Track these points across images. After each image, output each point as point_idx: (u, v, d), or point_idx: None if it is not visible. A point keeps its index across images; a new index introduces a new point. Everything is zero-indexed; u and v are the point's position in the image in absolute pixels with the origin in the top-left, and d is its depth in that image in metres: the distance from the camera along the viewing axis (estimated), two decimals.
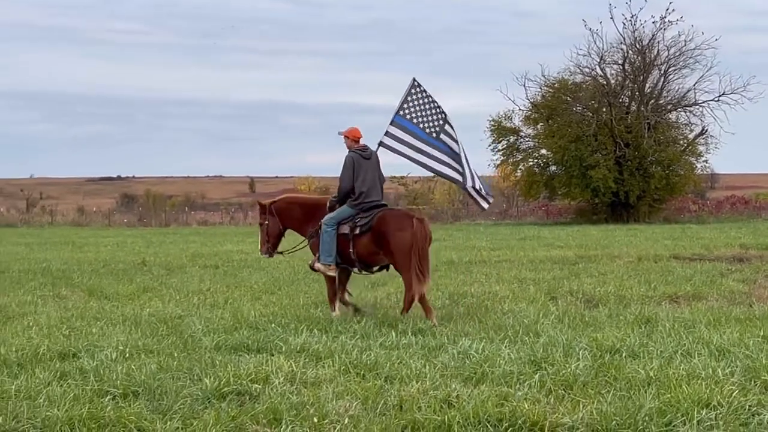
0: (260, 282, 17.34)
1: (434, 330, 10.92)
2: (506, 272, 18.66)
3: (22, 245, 32.01)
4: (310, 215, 12.81)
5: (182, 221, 64.17)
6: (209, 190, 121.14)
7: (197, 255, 25.56)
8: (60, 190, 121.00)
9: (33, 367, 8.81)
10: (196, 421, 6.93)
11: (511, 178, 59.47)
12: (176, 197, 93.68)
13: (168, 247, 30.77)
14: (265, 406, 7.23)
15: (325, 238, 12.29)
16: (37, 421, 6.91)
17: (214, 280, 18.06)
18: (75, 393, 7.63)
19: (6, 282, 17.63)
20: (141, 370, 8.45)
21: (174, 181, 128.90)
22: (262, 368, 8.47)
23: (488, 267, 20.25)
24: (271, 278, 18.20)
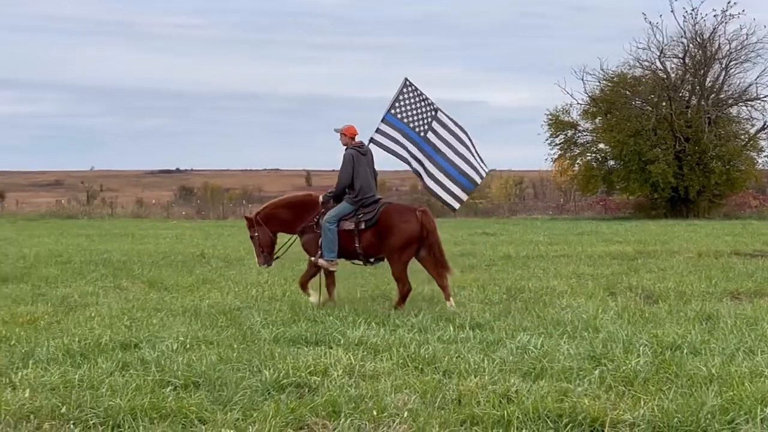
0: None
1: (492, 324, 10.88)
2: (564, 267, 18.54)
3: (83, 237, 32.42)
4: (298, 214, 13.08)
5: (240, 214, 64.54)
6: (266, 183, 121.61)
7: None
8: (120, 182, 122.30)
9: (96, 357, 8.91)
10: (256, 412, 6.97)
11: (568, 172, 58.98)
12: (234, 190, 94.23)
13: (226, 239, 30.98)
14: (324, 399, 7.25)
15: (327, 235, 12.58)
16: (100, 410, 6.99)
17: (271, 272, 18.13)
18: (137, 383, 7.72)
19: (68, 273, 17.86)
20: (201, 361, 8.52)
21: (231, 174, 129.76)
22: (320, 361, 8.50)
23: (546, 262, 20.13)
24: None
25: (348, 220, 12.63)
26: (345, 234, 12.63)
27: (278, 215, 13.15)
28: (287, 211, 13.16)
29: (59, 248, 25.27)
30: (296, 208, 13.16)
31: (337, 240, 12.55)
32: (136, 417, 6.83)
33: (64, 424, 6.74)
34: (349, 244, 12.68)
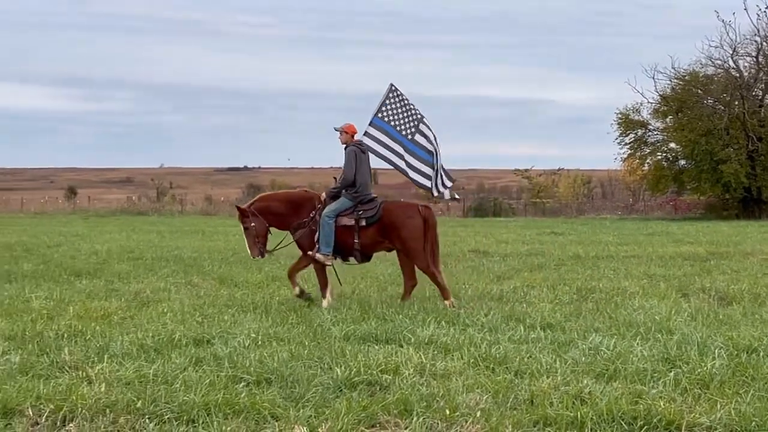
0: (386, 273, 17.39)
1: (563, 324, 10.79)
2: (635, 268, 18.34)
3: (153, 233, 32.82)
4: (293, 210, 13.15)
5: None
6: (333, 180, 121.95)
7: None
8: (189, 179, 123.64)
9: (169, 352, 9.00)
10: (328, 409, 6.99)
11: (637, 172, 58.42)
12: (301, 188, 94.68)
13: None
14: (395, 397, 7.24)
15: (326, 229, 12.77)
16: (174, 405, 7.05)
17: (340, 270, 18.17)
18: (210, 379, 7.77)
19: (140, 269, 18.10)
20: (273, 358, 8.57)
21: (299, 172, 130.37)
22: (391, 359, 8.50)
23: (616, 262, 19.93)
24: (397, 270, 18.19)
25: (347, 216, 12.85)
26: (343, 230, 12.84)
27: (274, 209, 13.18)
28: (283, 206, 13.21)
29: (131, 244, 25.62)
30: (292, 204, 13.24)
31: (333, 235, 12.75)
32: (210, 412, 6.88)
33: (140, 419, 6.81)
34: (348, 240, 12.87)
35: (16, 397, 7.12)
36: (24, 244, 25.07)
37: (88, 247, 23.83)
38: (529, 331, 10.28)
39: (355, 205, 12.88)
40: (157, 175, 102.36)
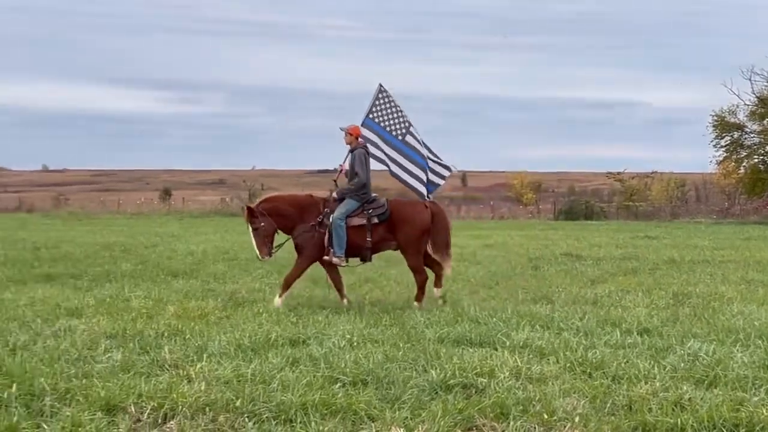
0: (477, 276, 17.38)
1: (660, 330, 10.63)
2: (732, 273, 18.01)
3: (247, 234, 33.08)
4: (299, 214, 13.20)
5: None
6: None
7: None
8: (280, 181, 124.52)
9: (266, 352, 9.09)
10: (425, 411, 6.99)
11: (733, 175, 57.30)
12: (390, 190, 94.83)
13: None
14: (491, 400, 7.21)
15: (339, 232, 12.91)
16: (272, 404, 7.11)
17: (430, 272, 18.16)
18: (307, 379, 7.84)
19: (235, 269, 18.33)
20: (368, 359, 8.60)
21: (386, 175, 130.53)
22: (486, 362, 8.46)
23: (712, 267, 19.59)
24: (488, 272, 18.22)
25: (357, 216, 13.00)
26: (355, 230, 12.98)
27: (282, 210, 13.21)
28: (291, 209, 13.23)
29: (225, 245, 25.95)
30: (299, 207, 13.26)
31: (346, 236, 12.89)
32: (307, 412, 6.93)
33: (238, 417, 6.89)
34: (360, 240, 13.01)
35: (118, 394, 7.26)
36: (122, 245, 25.56)
37: (183, 248, 24.20)
38: (626, 335, 10.17)
39: (362, 204, 13.04)
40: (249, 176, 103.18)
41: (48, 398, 7.15)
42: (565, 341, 9.71)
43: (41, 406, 7.01)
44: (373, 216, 13.04)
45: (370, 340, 9.85)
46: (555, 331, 10.48)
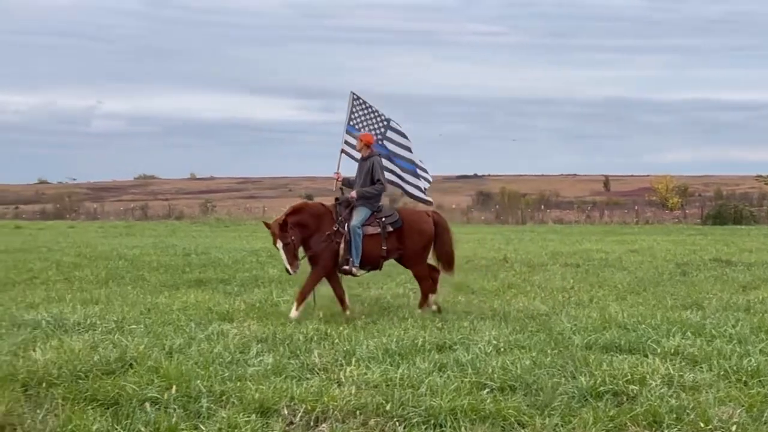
0: (624, 282, 17.11)
1: None
2: None
3: None
4: (317, 224, 12.74)
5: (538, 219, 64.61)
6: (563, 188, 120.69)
7: (557, 253, 25.60)
8: None
9: (413, 357, 9.14)
10: (575, 418, 6.94)
11: None
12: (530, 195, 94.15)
13: (527, 244, 31.04)
14: (644, 408, 7.10)
15: (357, 240, 12.60)
16: (421, 409, 7.15)
17: (576, 278, 18.01)
18: (455, 384, 7.85)
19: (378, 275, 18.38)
20: (515, 365, 8.55)
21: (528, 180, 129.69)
22: (637, 369, 8.32)
23: None
24: (635, 278, 17.91)
25: (371, 225, 12.72)
26: (370, 238, 12.69)
27: (305, 221, 12.62)
28: (313, 220, 12.70)
29: None
30: (317, 217, 12.78)
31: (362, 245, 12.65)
32: (456, 417, 6.95)
33: (389, 421, 6.95)
34: (376, 248, 12.71)
35: (271, 396, 7.41)
36: (268, 250, 26.03)
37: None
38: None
39: (373, 213, 12.80)
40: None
41: (204, 400, 7.36)
42: (718, 349, 9.48)
43: (198, 407, 7.21)
44: (387, 224, 12.76)
45: (516, 346, 9.80)
46: (707, 338, 10.24)
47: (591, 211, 71.56)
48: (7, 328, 10.79)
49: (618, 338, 10.09)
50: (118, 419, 6.86)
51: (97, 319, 11.42)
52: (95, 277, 17.78)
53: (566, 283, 16.80)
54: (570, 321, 11.59)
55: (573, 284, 16.65)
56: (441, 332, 10.73)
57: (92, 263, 21.08)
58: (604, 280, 17.44)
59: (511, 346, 9.74)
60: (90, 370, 8.27)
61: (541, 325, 11.42)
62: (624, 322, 11.42)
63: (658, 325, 11.11)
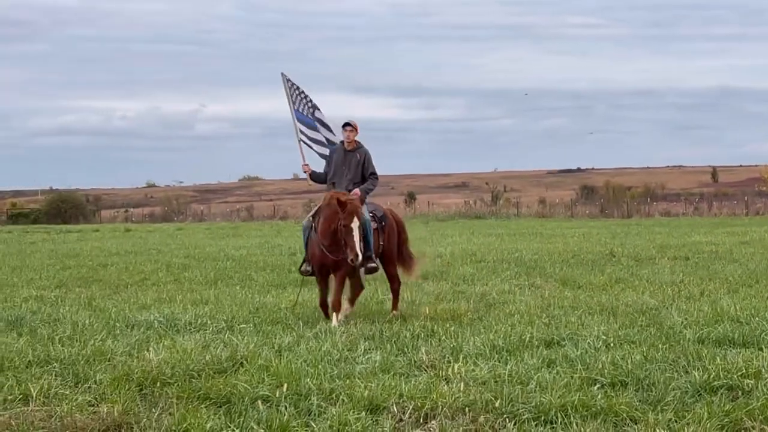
0: (735, 274, 16.75)
1: None
2: None
3: (492, 236, 33.31)
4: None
5: (644, 212, 63.62)
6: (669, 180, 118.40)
7: (664, 246, 25.21)
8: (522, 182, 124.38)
9: (521, 353, 9.08)
10: (689, 414, 6.80)
11: None
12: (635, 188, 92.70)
13: (633, 238, 30.60)
14: (760, 403, 6.94)
15: (370, 235, 11.83)
16: (531, 405, 7.09)
17: (685, 271, 17.70)
18: (565, 380, 7.77)
19: (483, 271, 18.41)
20: (626, 360, 8.44)
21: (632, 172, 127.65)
22: (752, 363, 8.14)
23: None
24: (747, 270, 17.52)
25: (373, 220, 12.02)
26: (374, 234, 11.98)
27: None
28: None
29: (472, 247, 26.13)
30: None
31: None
32: (567, 413, 6.88)
33: (498, 418, 6.90)
34: (375, 245, 11.99)
35: (380, 394, 7.43)
36: None
37: (431, 251, 24.52)
38: None
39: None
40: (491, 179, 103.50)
41: (314, 398, 7.42)
42: None
43: (308, 405, 7.27)
44: (378, 219, 12.14)
45: (626, 341, 9.67)
46: None
47: (699, 203, 70.22)
48: (121, 329, 11.05)
49: (731, 332, 9.89)
50: (231, 417, 6.96)
51: (208, 319, 11.62)
52: (204, 277, 18.10)
53: (675, 277, 16.50)
54: (681, 315, 11.40)
55: (682, 278, 16.35)
56: (548, 328, 10.65)
57: (201, 264, 21.48)
58: (714, 273, 17.09)
59: (621, 341, 9.61)
60: (202, 369, 8.41)
61: (650, 319, 11.24)
62: (737, 315, 11.19)
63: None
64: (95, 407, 7.26)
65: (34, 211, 69.72)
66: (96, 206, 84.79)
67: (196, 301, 14.06)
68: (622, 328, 10.55)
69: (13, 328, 11.15)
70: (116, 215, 77.28)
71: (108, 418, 6.93)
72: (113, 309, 12.93)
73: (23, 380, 8.02)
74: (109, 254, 26.07)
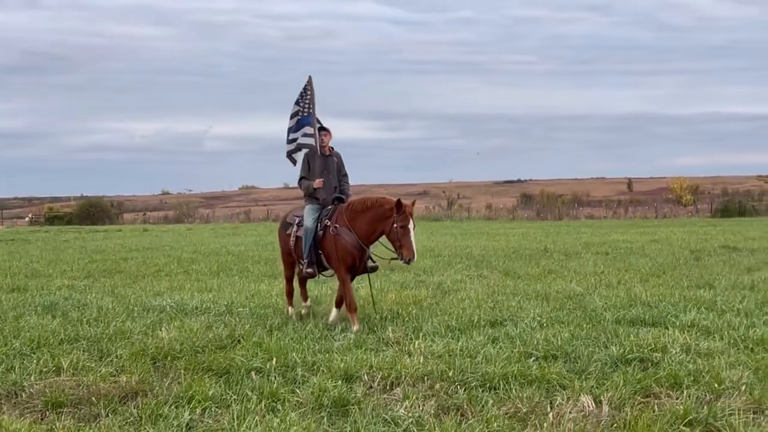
0: (646, 267, 16.81)
1: None
2: None
3: (448, 235, 33.29)
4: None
5: (572, 216, 63.84)
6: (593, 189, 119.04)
7: (589, 243, 25.28)
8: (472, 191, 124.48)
9: (470, 331, 9.08)
10: (608, 381, 6.82)
11: None
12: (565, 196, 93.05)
13: (563, 237, 30.68)
14: (666, 372, 6.96)
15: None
16: (478, 374, 7.09)
17: (605, 264, 17.75)
18: (507, 354, 7.77)
19: (440, 264, 18.39)
20: (557, 338, 8.45)
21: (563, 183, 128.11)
22: (659, 340, 8.18)
23: None
24: (656, 264, 17.59)
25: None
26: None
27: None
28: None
29: (431, 244, 26.09)
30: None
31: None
32: (507, 381, 6.87)
33: (451, 385, 6.89)
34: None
35: (354, 365, 7.41)
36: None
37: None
38: None
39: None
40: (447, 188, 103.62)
41: (299, 369, 7.38)
42: (727, 321, 9.30)
43: (294, 375, 7.23)
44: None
45: (557, 321, 9.69)
46: (718, 312, 10.03)
47: (617, 208, 70.61)
48: (138, 312, 10.95)
49: (643, 314, 9.94)
50: (229, 385, 6.91)
51: (211, 304, 11.53)
52: (208, 269, 17.98)
53: (597, 269, 16.56)
54: (602, 300, 11.43)
55: (603, 269, 16.41)
56: (493, 311, 10.64)
57: (206, 258, 21.33)
58: (629, 266, 17.16)
59: (552, 322, 9.63)
60: (206, 345, 8.35)
61: (577, 303, 11.26)
62: (647, 300, 11.24)
63: (676, 302, 10.91)
64: (116, 377, 7.19)
65: (67, 215, 68.91)
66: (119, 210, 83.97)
67: (202, 288, 13.96)
68: (554, 310, 10.57)
69: (48, 312, 11.02)
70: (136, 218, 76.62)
71: (127, 387, 6.87)
72: (132, 296, 12.81)
73: (56, 355, 7.93)
74: (129, 250, 25.84)
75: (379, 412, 6.10)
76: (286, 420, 5.85)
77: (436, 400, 6.45)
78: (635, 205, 73.73)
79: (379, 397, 6.53)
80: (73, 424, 6.03)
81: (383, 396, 6.63)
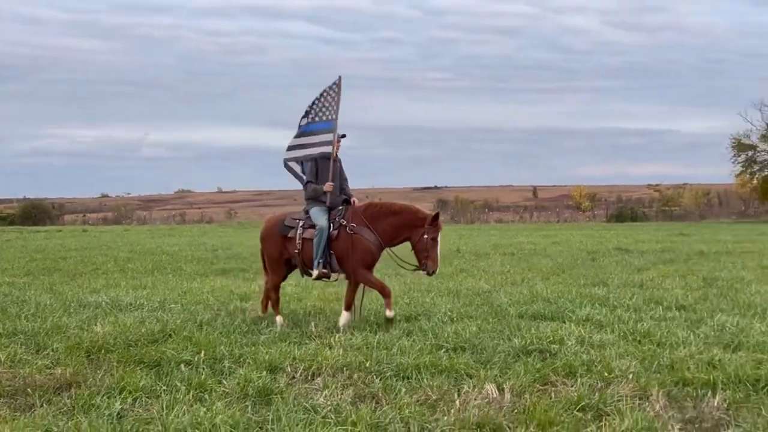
0: (547, 266, 17.09)
1: (694, 306, 10.30)
2: (750, 261, 17.39)
3: None
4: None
5: (483, 219, 64.65)
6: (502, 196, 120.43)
7: (497, 245, 25.60)
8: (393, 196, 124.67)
9: (386, 326, 9.07)
10: (510, 371, 6.89)
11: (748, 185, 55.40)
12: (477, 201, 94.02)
13: (475, 239, 31.02)
14: (562, 362, 7.06)
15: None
16: (393, 365, 7.07)
17: (511, 263, 18.00)
18: (419, 346, 7.80)
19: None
20: (465, 331, 8.51)
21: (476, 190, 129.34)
22: (557, 332, 8.29)
23: (733, 257, 18.96)
24: (556, 263, 17.91)
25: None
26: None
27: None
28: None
29: None
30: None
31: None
32: (420, 371, 6.89)
33: (368, 375, 6.87)
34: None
35: (278, 357, 7.34)
36: None
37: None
38: (666, 311, 9.90)
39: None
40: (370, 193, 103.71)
41: (226, 361, 7.27)
42: (618, 316, 9.49)
43: (221, 367, 7.12)
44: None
45: (466, 316, 9.76)
46: (610, 308, 10.24)
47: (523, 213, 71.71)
48: (75, 308, 10.66)
49: (543, 309, 10.08)
50: (159, 377, 6.77)
51: (145, 300, 11.30)
52: (144, 268, 17.63)
53: (504, 268, 16.77)
54: (507, 296, 11.57)
55: (509, 268, 16.63)
56: (409, 306, 10.67)
57: (141, 257, 20.92)
58: (532, 265, 17.43)
59: (462, 316, 9.69)
60: (138, 339, 8.17)
61: (484, 299, 11.38)
62: (548, 296, 11.42)
63: (574, 298, 11.11)
64: (52, 369, 6.98)
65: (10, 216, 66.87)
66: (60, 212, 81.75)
67: (137, 286, 13.67)
68: (464, 306, 10.65)
69: None
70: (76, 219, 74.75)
71: (62, 378, 6.67)
72: (69, 292, 12.47)
73: None
74: (68, 250, 25.17)
75: (301, 401, 6.04)
76: (213, 409, 5.75)
77: (353, 389, 6.41)
78: (539, 211, 75.01)
79: (300, 387, 6.48)
80: (9, 414, 5.84)
81: (305, 386, 6.57)
